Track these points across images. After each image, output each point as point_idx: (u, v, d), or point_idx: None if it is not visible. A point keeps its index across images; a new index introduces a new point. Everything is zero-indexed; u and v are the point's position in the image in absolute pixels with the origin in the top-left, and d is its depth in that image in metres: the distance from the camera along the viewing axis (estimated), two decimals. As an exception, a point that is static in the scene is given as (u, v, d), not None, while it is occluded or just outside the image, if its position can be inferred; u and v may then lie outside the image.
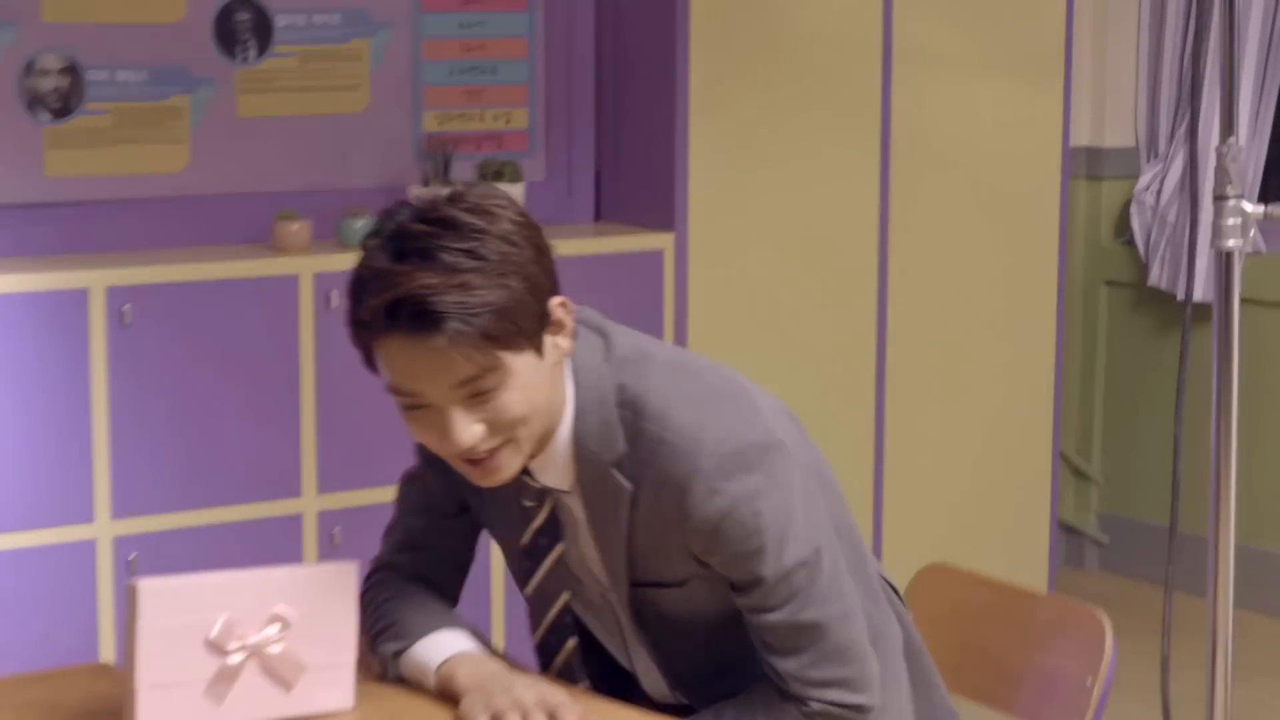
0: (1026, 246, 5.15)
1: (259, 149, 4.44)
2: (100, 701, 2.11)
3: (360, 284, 2.01)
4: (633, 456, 2.09)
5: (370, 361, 2.07)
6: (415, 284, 1.90)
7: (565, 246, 4.18)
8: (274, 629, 1.96)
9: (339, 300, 3.91)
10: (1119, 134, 5.69)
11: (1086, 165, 5.58)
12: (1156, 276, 5.46)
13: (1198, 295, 5.13)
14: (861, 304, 4.80)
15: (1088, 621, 2.48)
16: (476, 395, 1.97)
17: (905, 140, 4.92)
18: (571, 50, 4.71)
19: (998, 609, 2.70)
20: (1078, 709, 2.40)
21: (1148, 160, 5.58)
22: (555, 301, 2.04)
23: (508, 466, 2.06)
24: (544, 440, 2.13)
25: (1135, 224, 5.54)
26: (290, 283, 4.08)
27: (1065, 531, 5.62)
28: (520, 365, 1.98)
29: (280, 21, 4.38)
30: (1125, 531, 5.77)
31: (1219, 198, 2.95)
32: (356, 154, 4.53)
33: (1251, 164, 5.22)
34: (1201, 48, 5.15)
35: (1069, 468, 5.71)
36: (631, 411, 2.10)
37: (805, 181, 4.70)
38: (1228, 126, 4.79)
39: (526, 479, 2.16)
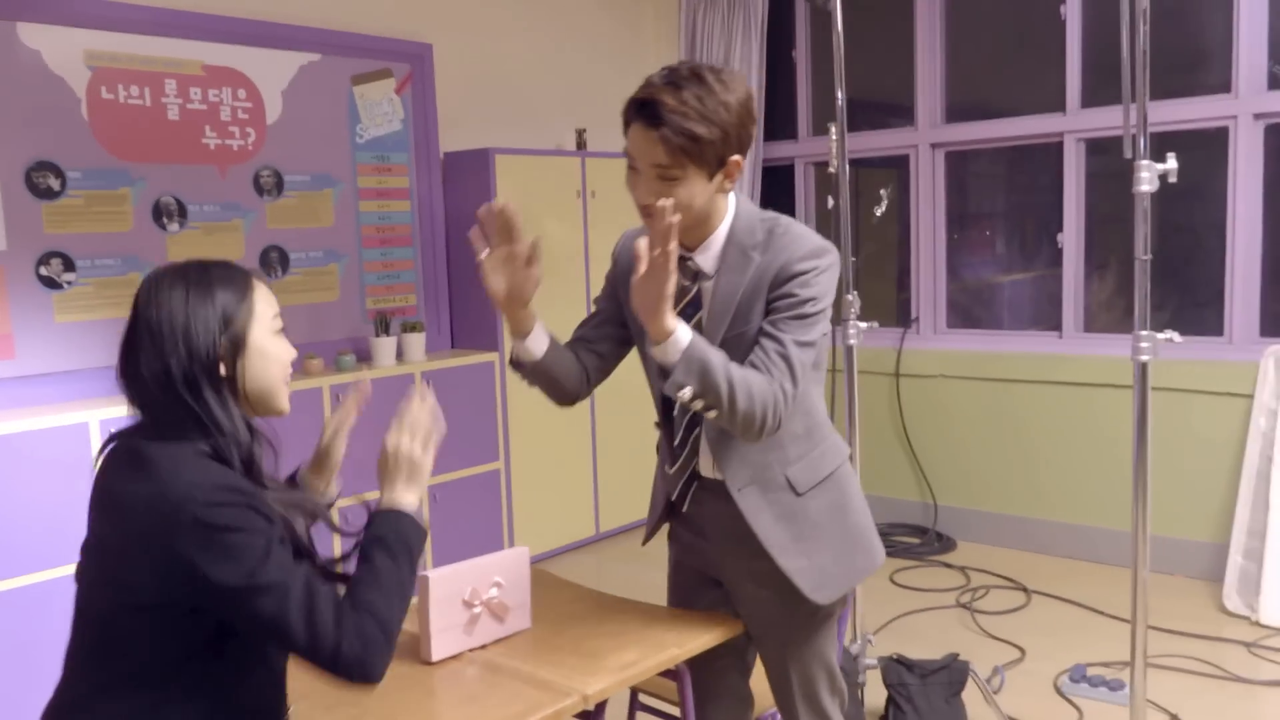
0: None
1: (291, 322, 4.20)
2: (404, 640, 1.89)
3: (636, 93, 1.73)
4: (762, 244, 1.79)
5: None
6: (659, 95, 1.67)
7: (442, 362, 4.25)
8: (494, 591, 1.90)
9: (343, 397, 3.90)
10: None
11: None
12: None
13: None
14: None
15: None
16: (663, 178, 1.71)
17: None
18: (434, 260, 4.54)
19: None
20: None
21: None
22: (734, 157, 1.74)
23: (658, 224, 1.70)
24: (704, 235, 1.82)
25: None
26: (318, 392, 3.78)
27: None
28: (694, 176, 1.71)
29: (293, 256, 4.08)
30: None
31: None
32: (338, 321, 4.24)
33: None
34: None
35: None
36: (771, 223, 1.82)
37: (559, 323, 4.64)
38: None
39: (689, 264, 1.83)
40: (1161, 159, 2.37)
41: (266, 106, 3.98)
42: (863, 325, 2.92)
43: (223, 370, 1.42)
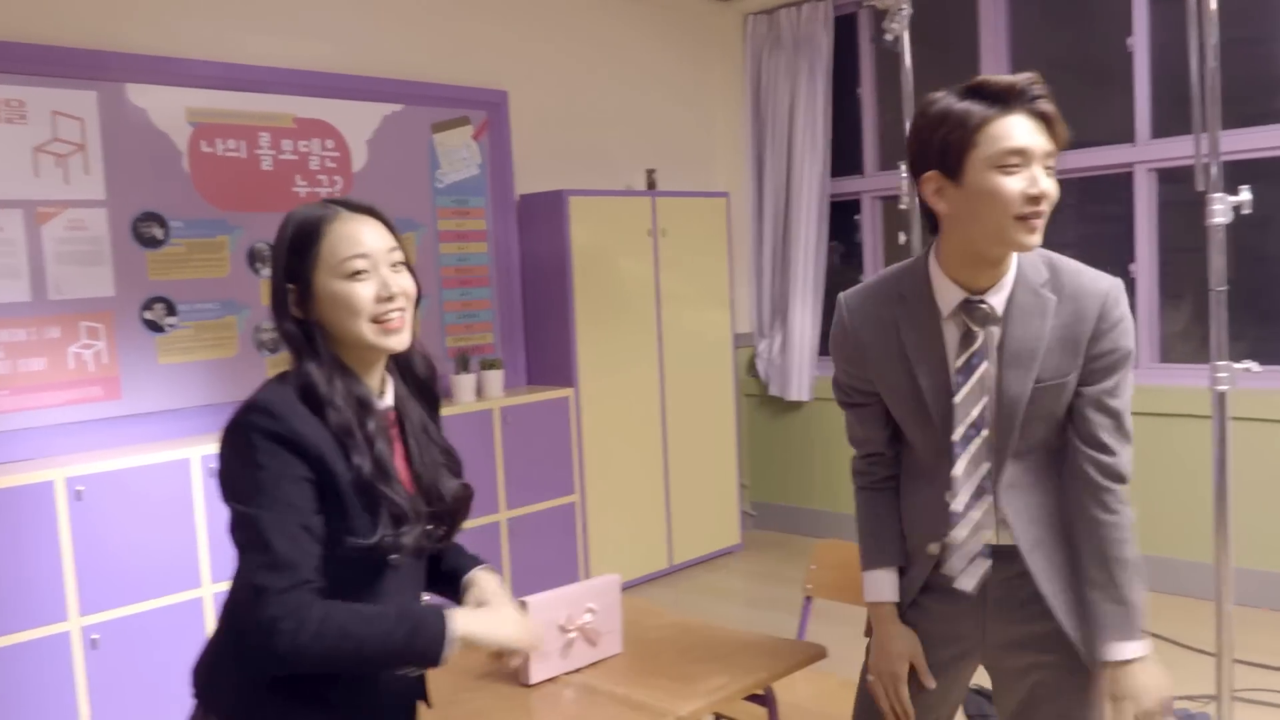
0: (720, 378, 5.14)
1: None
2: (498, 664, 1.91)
3: (973, 93, 1.56)
4: (1051, 282, 1.63)
5: (960, 156, 1.55)
6: (1036, 82, 1.57)
7: (519, 398, 4.35)
8: (589, 616, 1.96)
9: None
10: (747, 326, 5.69)
11: (738, 341, 5.48)
12: (771, 390, 5.51)
13: (788, 397, 5.55)
14: (650, 410, 4.88)
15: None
16: (1048, 168, 1.58)
17: (669, 336, 4.92)
18: (510, 299, 4.67)
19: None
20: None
21: (760, 339, 5.60)
22: None
23: (1041, 229, 1.57)
24: (999, 274, 1.63)
25: (759, 366, 5.57)
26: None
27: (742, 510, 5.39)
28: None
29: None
30: (764, 509, 5.72)
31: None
32: (420, 361, 4.40)
33: (814, 337, 5.46)
34: (783, 286, 5.54)
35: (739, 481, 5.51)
36: (1045, 256, 1.65)
37: (631, 359, 4.75)
38: (800, 327, 5.09)
39: (981, 307, 1.62)
40: (1235, 190, 2.39)
41: (352, 155, 4.16)
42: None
43: (296, 312, 1.49)
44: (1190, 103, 2.44)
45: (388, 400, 1.58)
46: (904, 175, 2.94)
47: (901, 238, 3.01)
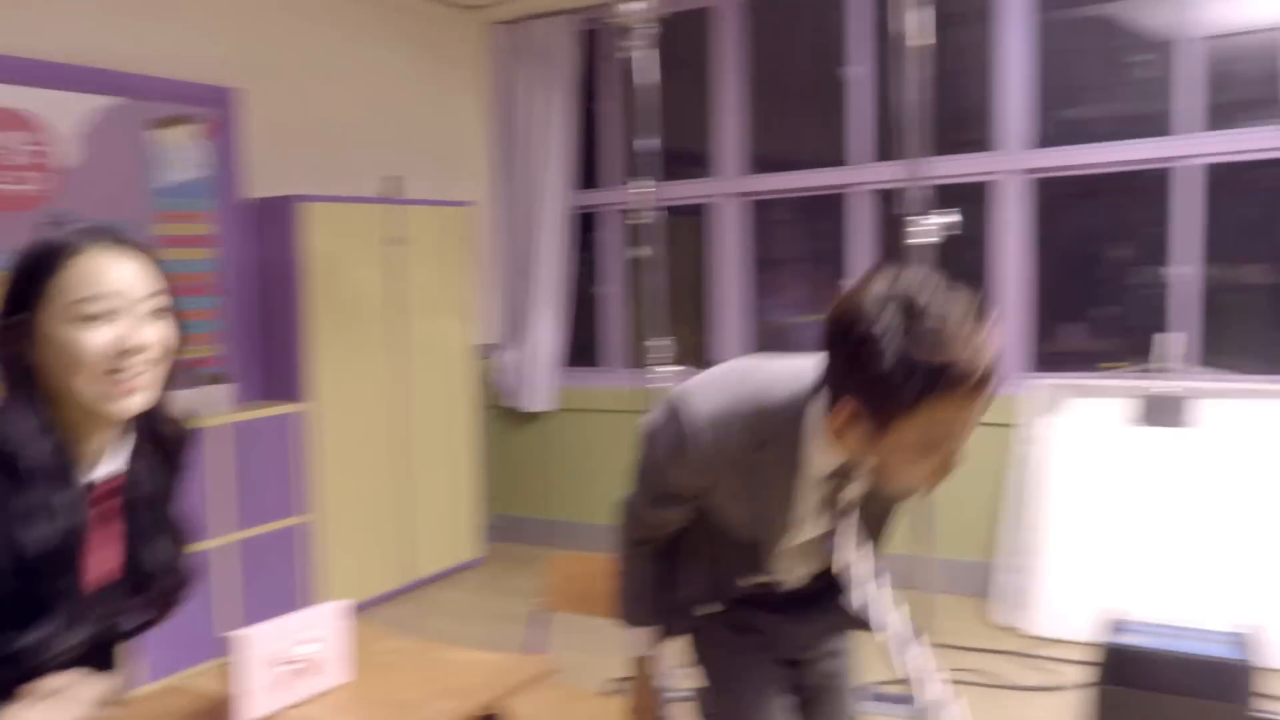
0: (463, 390, 5.08)
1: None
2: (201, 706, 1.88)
3: (966, 361, 1.30)
4: None
5: (889, 421, 1.35)
6: (991, 357, 1.33)
7: (250, 413, 4.16)
8: (311, 646, 1.86)
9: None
10: (491, 339, 5.60)
11: (481, 353, 5.45)
12: (508, 400, 5.51)
13: (530, 408, 5.56)
14: (391, 423, 4.75)
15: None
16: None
17: (411, 348, 4.80)
18: (241, 310, 4.40)
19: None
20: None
21: (501, 350, 5.54)
22: None
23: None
24: None
25: (500, 377, 5.51)
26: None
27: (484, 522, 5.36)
28: None
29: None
30: (508, 521, 5.64)
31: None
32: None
33: (556, 348, 5.47)
34: (526, 297, 5.55)
35: (481, 494, 5.42)
36: None
37: (372, 371, 4.61)
38: (543, 338, 5.13)
39: (851, 476, 1.57)
40: (935, 210, 2.62)
41: (60, 151, 3.81)
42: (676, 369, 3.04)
43: (19, 347, 1.30)
44: (897, 131, 2.65)
45: (109, 468, 1.38)
46: (639, 190, 3.01)
47: (638, 251, 3.08)
